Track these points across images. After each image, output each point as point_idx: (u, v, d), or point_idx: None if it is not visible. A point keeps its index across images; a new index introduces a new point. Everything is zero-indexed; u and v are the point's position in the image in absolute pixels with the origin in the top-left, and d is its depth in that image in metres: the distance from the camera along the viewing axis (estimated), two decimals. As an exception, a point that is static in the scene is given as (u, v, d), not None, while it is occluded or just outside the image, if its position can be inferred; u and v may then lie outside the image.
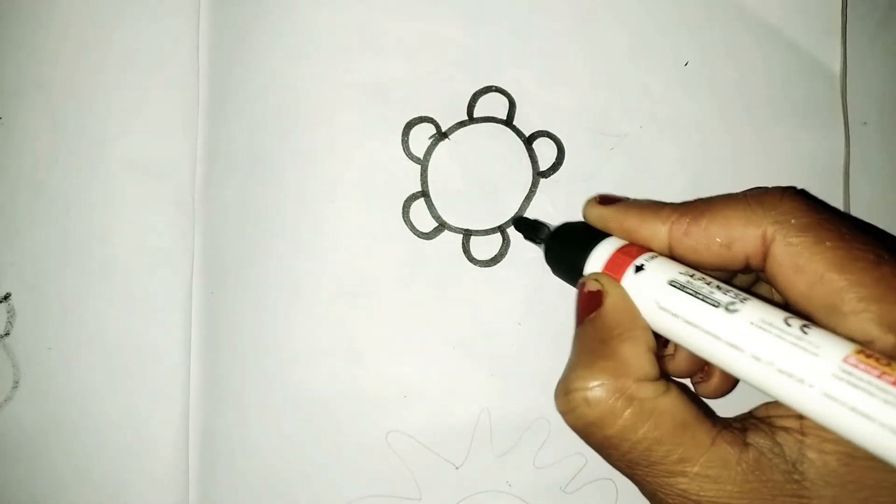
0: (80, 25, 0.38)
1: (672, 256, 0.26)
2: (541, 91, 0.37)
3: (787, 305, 0.23)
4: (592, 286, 0.26)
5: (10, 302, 0.38)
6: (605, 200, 0.28)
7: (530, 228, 0.33)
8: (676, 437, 0.23)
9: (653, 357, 0.24)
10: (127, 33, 0.38)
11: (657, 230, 0.26)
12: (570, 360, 0.25)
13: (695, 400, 0.24)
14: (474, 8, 0.37)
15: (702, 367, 0.30)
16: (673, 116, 0.37)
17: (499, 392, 0.36)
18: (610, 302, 0.25)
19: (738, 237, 0.24)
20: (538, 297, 0.36)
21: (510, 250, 0.37)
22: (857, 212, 0.37)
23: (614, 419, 0.23)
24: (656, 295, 0.24)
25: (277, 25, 0.38)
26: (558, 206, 0.37)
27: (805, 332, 0.21)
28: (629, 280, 0.25)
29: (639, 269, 0.25)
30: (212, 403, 0.37)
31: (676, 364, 0.30)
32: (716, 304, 0.23)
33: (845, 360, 0.20)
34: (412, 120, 0.37)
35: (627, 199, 0.28)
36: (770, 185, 0.31)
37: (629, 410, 0.23)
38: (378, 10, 0.37)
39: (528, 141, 0.37)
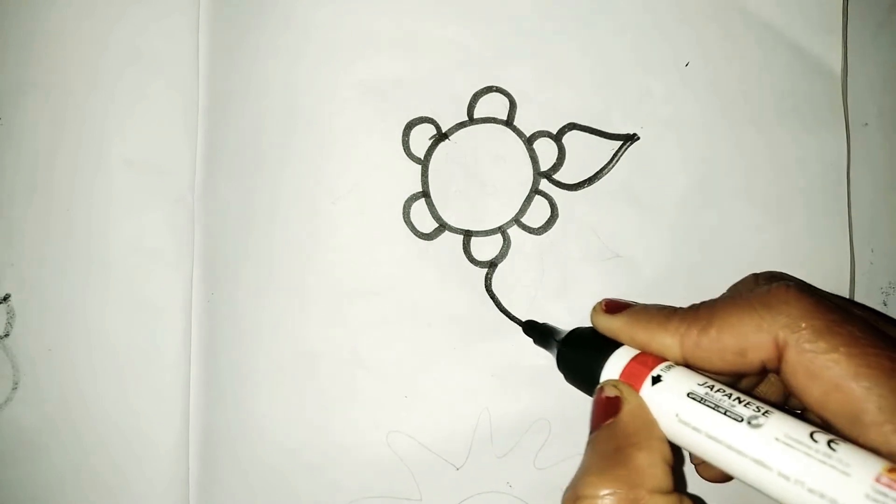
0: (80, 26, 0.38)
1: (688, 366, 0.26)
2: (541, 91, 0.37)
3: (804, 410, 0.23)
4: (611, 392, 0.25)
5: (9, 303, 0.38)
6: (612, 308, 0.28)
7: (540, 334, 0.33)
8: None
9: (668, 469, 0.24)
10: (126, 33, 0.38)
11: (668, 343, 0.25)
12: (582, 464, 0.25)
13: None
14: (475, 8, 0.37)
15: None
16: (674, 117, 0.36)
17: (499, 393, 0.36)
18: (628, 409, 0.25)
19: (750, 345, 0.24)
20: (539, 298, 0.36)
21: (510, 251, 0.37)
22: (857, 212, 0.36)
23: None
24: (676, 408, 0.24)
25: (277, 25, 0.37)
26: (559, 206, 0.37)
27: (833, 449, 0.21)
28: (647, 391, 0.25)
29: (656, 380, 0.25)
30: (212, 403, 0.37)
31: (707, 470, 0.30)
32: (738, 419, 0.22)
33: (877, 480, 0.20)
34: (412, 120, 0.37)
35: (634, 305, 0.28)
36: (770, 272, 0.32)
37: None
38: (378, 10, 0.37)
39: (529, 141, 0.37)
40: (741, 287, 0.31)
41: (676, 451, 0.25)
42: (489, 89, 0.37)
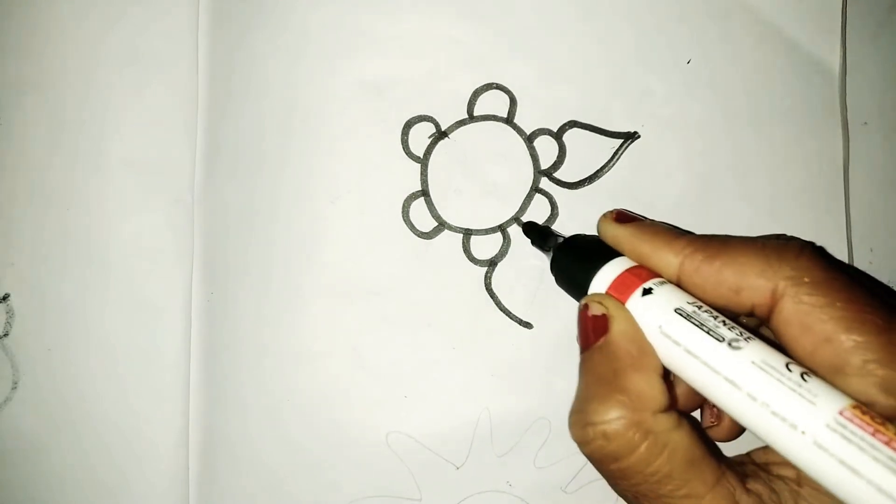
0: (80, 25, 0.38)
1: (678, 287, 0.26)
2: (542, 89, 0.37)
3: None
4: (596, 310, 0.26)
5: (9, 302, 0.38)
6: (622, 218, 0.28)
7: (539, 235, 0.33)
8: (686, 473, 0.23)
9: (664, 385, 0.24)
10: (126, 33, 0.38)
11: (669, 261, 0.26)
12: (581, 388, 0.25)
13: (702, 435, 0.24)
14: (474, 5, 0.37)
15: (698, 404, 0.30)
16: (674, 115, 0.37)
17: (499, 392, 0.36)
18: (618, 329, 0.25)
19: (748, 286, 0.24)
20: (539, 297, 0.36)
21: (511, 250, 0.37)
22: (856, 212, 0.36)
23: (630, 452, 0.23)
24: (660, 320, 0.24)
25: (277, 25, 0.38)
26: (559, 205, 0.37)
27: (805, 380, 0.21)
28: (635, 302, 0.25)
29: (646, 291, 0.25)
30: (212, 404, 0.37)
31: (718, 431, 0.30)
32: (719, 339, 0.23)
33: (841, 413, 0.20)
34: (412, 119, 0.37)
35: (643, 219, 0.28)
36: (784, 234, 0.31)
37: (645, 444, 0.23)
38: (377, 8, 0.37)
39: (529, 139, 0.37)
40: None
41: None
42: (489, 87, 0.37)
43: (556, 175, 0.37)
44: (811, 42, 0.37)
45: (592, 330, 0.25)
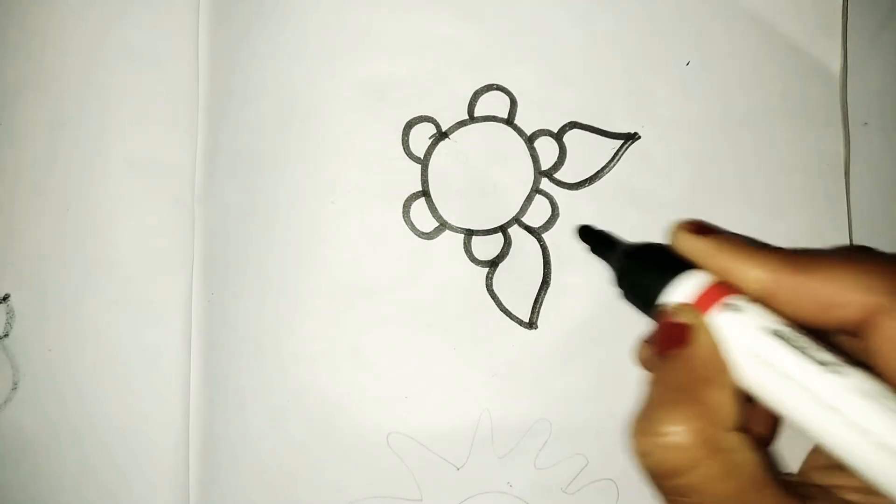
0: (79, 25, 0.38)
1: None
2: (542, 90, 0.37)
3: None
4: (682, 318, 0.24)
5: (9, 303, 0.38)
6: (700, 230, 0.26)
7: (599, 241, 0.31)
8: (752, 496, 0.22)
9: (740, 407, 0.23)
10: (126, 33, 0.38)
11: (752, 276, 0.24)
12: (650, 397, 0.24)
13: (769, 459, 0.23)
14: (475, 6, 0.37)
15: (770, 435, 0.29)
16: (674, 116, 0.37)
17: (500, 393, 0.36)
18: (702, 342, 0.23)
19: (842, 300, 0.23)
20: (540, 298, 0.36)
21: (512, 250, 0.37)
22: (857, 213, 0.36)
23: (696, 467, 0.22)
24: (748, 339, 0.23)
25: (278, 25, 0.38)
26: (560, 206, 0.37)
27: None
28: (719, 318, 0.24)
29: (729, 307, 0.24)
30: (212, 404, 0.37)
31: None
32: (817, 362, 0.21)
33: None
34: (412, 119, 0.37)
35: (722, 231, 0.27)
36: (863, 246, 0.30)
37: (713, 462, 0.22)
38: (377, 8, 0.37)
39: (530, 140, 0.37)
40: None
41: None
42: (490, 87, 0.37)
43: (557, 176, 0.37)
44: (811, 42, 0.37)
45: (673, 338, 0.24)
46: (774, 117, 0.37)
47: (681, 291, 0.25)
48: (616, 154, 0.36)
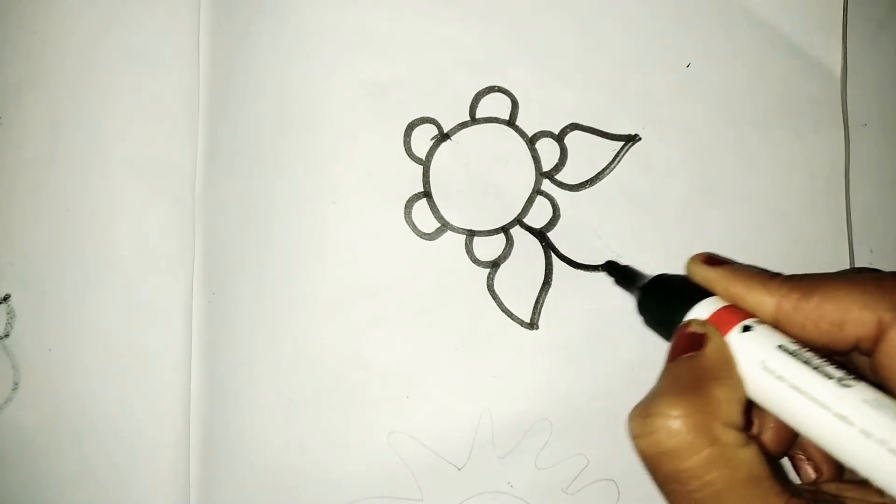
0: (79, 25, 0.38)
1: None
2: (543, 91, 0.37)
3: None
4: (697, 328, 0.25)
5: (9, 303, 0.38)
6: (712, 261, 0.28)
7: (623, 275, 0.33)
8: (749, 490, 0.22)
9: (743, 409, 0.23)
10: (126, 33, 0.38)
11: (765, 300, 0.25)
12: (656, 386, 0.24)
13: (772, 461, 0.23)
14: (476, 8, 0.37)
15: (785, 451, 0.29)
16: (675, 117, 0.37)
17: (501, 393, 0.36)
18: (713, 346, 0.24)
19: (851, 319, 0.23)
20: (541, 298, 0.36)
21: (513, 251, 0.37)
22: (857, 213, 0.37)
23: (691, 454, 0.22)
24: (764, 355, 0.23)
25: (278, 25, 0.37)
26: (561, 207, 0.37)
27: None
28: (734, 337, 0.24)
29: (745, 329, 0.24)
30: (213, 404, 0.37)
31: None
32: (828, 377, 0.22)
33: None
34: (414, 121, 0.37)
35: (733, 262, 0.28)
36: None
37: (709, 450, 0.22)
38: (379, 10, 0.37)
39: (531, 141, 0.37)
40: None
41: None
42: (491, 89, 0.37)
43: (558, 177, 0.37)
44: (812, 43, 0.37)
45: (686, 344, 0.25)
46: (775, 118, 0.37)
47: (701, 314, 0.26)
48: (617, 155, 0.36)
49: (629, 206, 0.36)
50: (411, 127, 0.37)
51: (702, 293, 0.27)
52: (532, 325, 0.36)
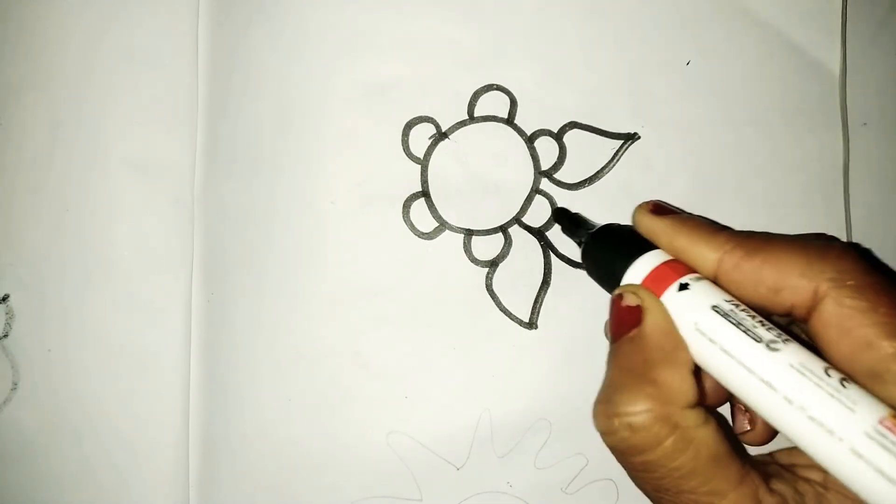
0: (79, 25, 0.38)
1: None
2: (542, 90, 0.37)
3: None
4: (631, 300, 0.25)
5: (8, 303, 0.38)
6: (658, 210, 0.27)
7: (570, 222, 0.32)
8: (711, 470, 0.23)
9: (694, 381, 0.24)
10: (126, 32, 0.38)
11: (707, 256, 0.25)
12: (609, 378, 0.25)
13: (728, 434, 0.24)
14: (475, 6, 0.37)
15: (724, 400, 0.30)
16: (674, 116, 0.37)
17: (500, 393, 0.36)
18: (651, 321, 0.24)
19: (789, 285, 0.23)
20: (540, 298, 0.36)
21: (512, 250, 0.37)
22: (856, 213, 0.37)
23: (656, 445, 0.23)
24: (696, 317, 0.24)
25: (278, 25, 0.37)
26: (561, 205, 0.37)
27: (844, 386, 0.21)
28: (670, 296, 0.24)
29: (683, 287, 0.24)
30: (212, 404, 0.37)
31: (751, 436, 0.30)
32: (757, 339, 0.22)
33: (881, 422, 0.20)
34: (412, 120, 0.37)
35: (681, 212, 0.28)
36: (821, 233, 0.31)
37: (671, 438, 0.23)
38: (378, 8, 0.37)
39: (530, 140, 0.37)
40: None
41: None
42: (490, 88, 0.37)
43: (557, 176, 0.37)
44: (811, 43, 0.37)
45: (625, 320, 0.25)
46: (774, 117, 0.37)
47: (637, 270, 0.26)
48: (616, 154, 0.36)
49: (628, 204, 0.36)
50: (409, 126, 0.37)
51: (646, 245, 0.27)
52: (531, 324, 0.36)
